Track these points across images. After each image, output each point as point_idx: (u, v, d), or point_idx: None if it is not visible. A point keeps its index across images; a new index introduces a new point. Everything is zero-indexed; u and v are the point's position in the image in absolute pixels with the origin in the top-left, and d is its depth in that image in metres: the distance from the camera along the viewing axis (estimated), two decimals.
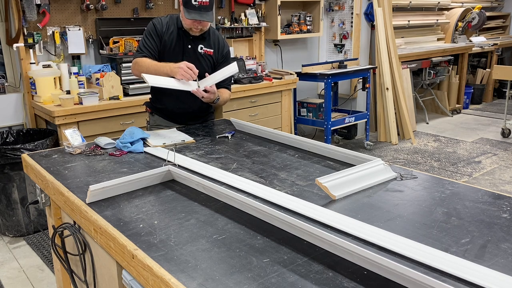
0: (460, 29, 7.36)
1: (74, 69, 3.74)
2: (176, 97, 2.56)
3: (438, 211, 1.46)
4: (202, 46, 2.55)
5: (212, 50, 2.57)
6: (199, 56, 2.55)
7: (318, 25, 5.38)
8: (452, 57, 6.74)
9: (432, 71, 6.46)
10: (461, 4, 7.58)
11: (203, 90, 2.38)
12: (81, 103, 3.37)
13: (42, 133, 3.60)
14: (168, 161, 1.90)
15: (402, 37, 6.60)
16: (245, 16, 4.85)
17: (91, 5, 3.79)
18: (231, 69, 2.43)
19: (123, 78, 3.65)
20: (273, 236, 1.31)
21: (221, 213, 1.47)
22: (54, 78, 3.61)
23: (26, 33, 3.54)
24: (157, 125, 2.69)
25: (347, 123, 5.14)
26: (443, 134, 5.99)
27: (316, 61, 5.81)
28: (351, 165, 1.85)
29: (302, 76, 4.91)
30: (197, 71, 2.34)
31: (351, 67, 5.23)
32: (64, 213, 1.83)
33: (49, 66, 3.66)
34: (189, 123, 2.70)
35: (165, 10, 4.30)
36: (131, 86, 3.66)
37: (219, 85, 2.56)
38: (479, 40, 7.65)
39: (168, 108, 2.66)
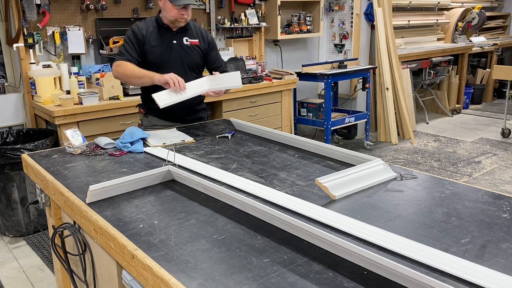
0: (460, 29, 7.36)
1: (74, 69, 3.74)
2: None
3: (438, 211, 1.46)
4: (187, 38, 2.61)
5: (197, 40, 2.64)
6: (186, 49, 2.60)
7: (318, 25, 5.38)
8: (452, 57, 6.73)
9: (432, 71, 6.46)
10: (461, 4, 7.57)
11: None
12: (81, 103, 3.36)
13: (42, 133, 3.60)
14: (168, 161, 1.90)
15: (402, 37, 6.60)
16: (245, 16, 4.85)
17: (91, 5, 3.79)
18: (234, 81, 2.45)
19: None
20: (273, 236, 1.31)
21: (221, 213, 1.47)
22: (54, 78, 3.61)
23: (26, 33, 3.54)
24: (152, 125, 2.67)
25: (347, 123, 5.14)
26: (443, 134, 5.99)
27: (316, 61, 5.81)
28: (351, 165, 1.85)
29: (302, 76, 4.91)
30: (183, 80, 2.37)
31: (351, 67, 5.23)
32: (64, 213, 1.83)
33: (49, 66, 3.66)
34: (186, 119, 2.70)
35: None
36: (131, 86, 3.65)
37: (217, 70, 2.65)
38: (479, 40, 7.65)
39: None
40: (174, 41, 2.57)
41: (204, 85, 2.45)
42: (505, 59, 8.61)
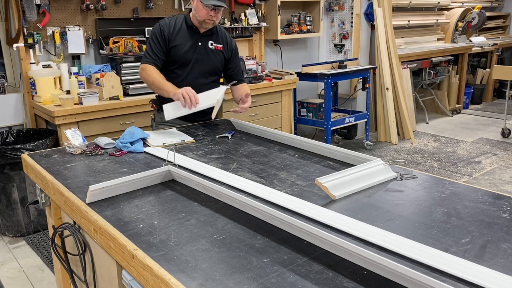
0: (460, 29, 7.36)
1: (74, 69, 3.74)
2: None
3: (438, 211, 1.46)
4: (212, 42, 2.65)
5: (221, 46, 2.68)
6: (209, 52, 2.64)
7: (318, 25, 5.38)
8: (452, 57, 6.73)
9: (432, 71, 6.46)
10: (461, 4, 7.57)
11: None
12: (81, 103, 3.36)
13: (42, 133, 3.60)
14: (168, 161, 1.90)
15: (402, 37, 6.60)
16: (245, 16, 4.85)
17: (91, 5, 3.79)
18: (212, 101, 2.45)
19: (123, 78, 3.65)
20: (273, 236, 1.31)
21: (221, 213, 1.47)
22: (54, 78, 3.61)
23: (26, 33, 3.54)
24: (163, 121, 2.69)
25: (347, 123, 5.14)
26: (443, 134, 5.99)
27: (316, 61, 5.81)
28: (351, 165, 1.85)
29: (302, 76, 4.91)
30: (197, 95, 2.39)
31: (351, 67, 5.23)
32: (64, 213, 1.83)
33: (49, 66, 3.66)
34: (197, 119, 2.72)
35: (165, 10, 4.30)
36: (131, 86, 3.66)
37: (234, 79, 2.74)
38: (479, 40, 7.65)
39: None
40: (199, 43, 2.60)
41: (215, 97, 2.47)
42: (505, 59, 8.61)
